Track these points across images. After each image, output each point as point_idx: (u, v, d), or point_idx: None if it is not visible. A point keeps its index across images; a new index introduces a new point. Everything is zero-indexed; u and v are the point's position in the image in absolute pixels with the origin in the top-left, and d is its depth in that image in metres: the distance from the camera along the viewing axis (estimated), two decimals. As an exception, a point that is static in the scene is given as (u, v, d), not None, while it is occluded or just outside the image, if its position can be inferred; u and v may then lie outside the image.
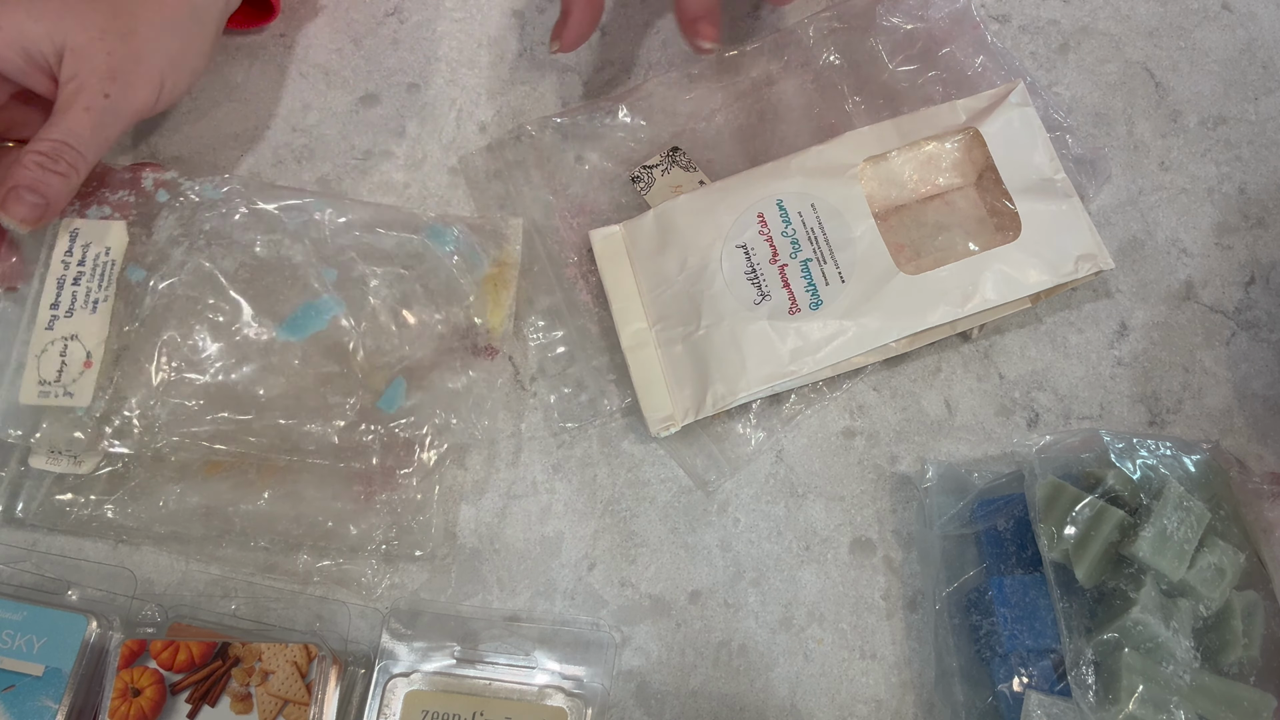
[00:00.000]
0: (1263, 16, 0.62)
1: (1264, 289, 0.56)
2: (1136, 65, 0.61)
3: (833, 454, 0.52)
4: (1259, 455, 0.53)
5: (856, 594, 0.50)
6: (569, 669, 0.48)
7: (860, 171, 0.52)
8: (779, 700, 0.48)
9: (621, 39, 0.60)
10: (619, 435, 0.52)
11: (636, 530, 0.51)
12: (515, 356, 0.53)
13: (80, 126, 0.45)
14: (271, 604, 0.48)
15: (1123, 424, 0.53)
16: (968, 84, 0.57)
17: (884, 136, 0.52)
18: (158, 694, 0.44)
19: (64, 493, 0.48)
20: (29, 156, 0.45)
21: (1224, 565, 0.44)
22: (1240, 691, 0.43)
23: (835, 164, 0.52)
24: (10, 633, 0.45)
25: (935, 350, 0.54)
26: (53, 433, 0.46)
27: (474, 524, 0.51)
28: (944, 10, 0.58)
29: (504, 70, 0.59)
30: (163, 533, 0.48)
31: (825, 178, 0.51)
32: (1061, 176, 0.52)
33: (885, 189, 0.54)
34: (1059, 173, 0.52)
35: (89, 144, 0.46)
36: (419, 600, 0.49)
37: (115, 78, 0.46)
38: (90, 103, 0.46)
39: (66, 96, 0.46)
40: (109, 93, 0.46)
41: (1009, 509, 0.48)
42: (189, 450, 0.47)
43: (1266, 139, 0.59)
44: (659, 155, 0.56)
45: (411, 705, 0.45)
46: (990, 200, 0.54)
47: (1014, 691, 0.44)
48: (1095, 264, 0.50)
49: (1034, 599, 0.45)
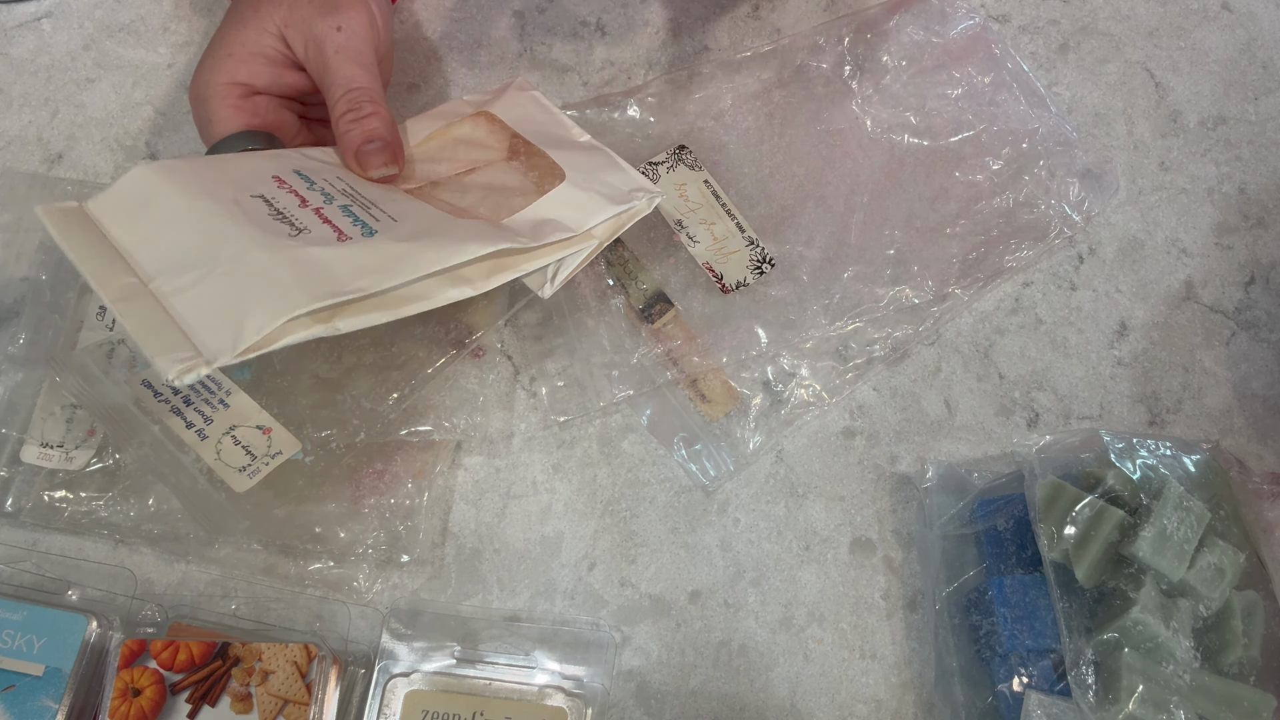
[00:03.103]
0: (1263, 16, 0.62)
1: (1264, 289, 0.56)
2: (1136, 65, 0.61)
3: (833, 454, 0.52)
4: (1259, 455, 0.53)
5: (856, 594, 0.50)
6: (569, 669, 0.47)
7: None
8: (779, 700, 0.48)
9: (621, 39, 0.60)
10: (619, 435, 0.52)
11: (636, 530, 0.51)
12: (515, 356, 0.53)
13: (347, 69, 0.46)
14: (271, 604, 0.48)
15: (1123, 424, 0.53)
16: (981, 99, 0.57)
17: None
18: (158, 694, 0.44)
19: (56, 489, 0.48)
20: (341, 123, 0.46)
21: (1224, 565, 0.44)
22: (1240, 691, 0.43)
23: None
24: (10, 633, 0.45)
25: (935, 350, 0.54)
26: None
27: (474, 524, 0.51)
28: (960, 27, 0.58)
29: (504, 70, 0.59)
30: (156, 532, 0.48)
31: (348, 170, 0.48)
32: (588, 138, 0.51)
33: (413, 173, 0.50)
34: (584, 135, 0.51)
35: (364, 78, 0.47)
36: (419, 600, 0.49)
37: (329, 12, 0.47)
38: (335, 45, 0.46)
39: (315, 61, 0.47)
40: (340, 25, 0.47)
41: (1009, 509, 0.48)
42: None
43: (1266, 139, 0.59)
44: (665, 153, 0.56)
45: (411, 705, 0.45)
46: (527, 161, 0.50)
47: (1014, 691, 0.44)
48: (649, 193, 0.48)
49: (1034, 599, 0.45)
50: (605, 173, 0.49)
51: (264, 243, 0.40)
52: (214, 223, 0.40)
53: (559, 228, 0.46)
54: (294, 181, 0.44)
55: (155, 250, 0.40)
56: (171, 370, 0.36)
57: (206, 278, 0.39)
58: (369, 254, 0.41)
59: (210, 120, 0.47)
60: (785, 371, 0.53)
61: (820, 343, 0.54)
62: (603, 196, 0.48)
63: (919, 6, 0.59)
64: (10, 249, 0.53)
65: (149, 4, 0.60)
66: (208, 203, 0.41)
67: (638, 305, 0.53)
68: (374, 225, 0.42)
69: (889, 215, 0.55)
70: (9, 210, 0.54)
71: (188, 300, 0.38)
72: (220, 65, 0.47)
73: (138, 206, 0.41)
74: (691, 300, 0.53)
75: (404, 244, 0.41)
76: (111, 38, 0.59)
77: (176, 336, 0.37)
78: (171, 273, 0.39)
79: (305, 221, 0.42)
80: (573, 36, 0.60)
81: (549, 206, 0.47)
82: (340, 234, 0.41)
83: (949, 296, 0.54)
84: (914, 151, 0.56)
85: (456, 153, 0.51)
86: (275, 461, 0.47)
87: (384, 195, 0.46)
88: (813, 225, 0.55)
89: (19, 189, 0.54)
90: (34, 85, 0.57)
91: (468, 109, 0.52)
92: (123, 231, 0.41)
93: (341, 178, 0.46)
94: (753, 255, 0.54)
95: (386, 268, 0.40)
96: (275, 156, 0.46)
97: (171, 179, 0.42)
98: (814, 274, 0.54)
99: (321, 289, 0.38)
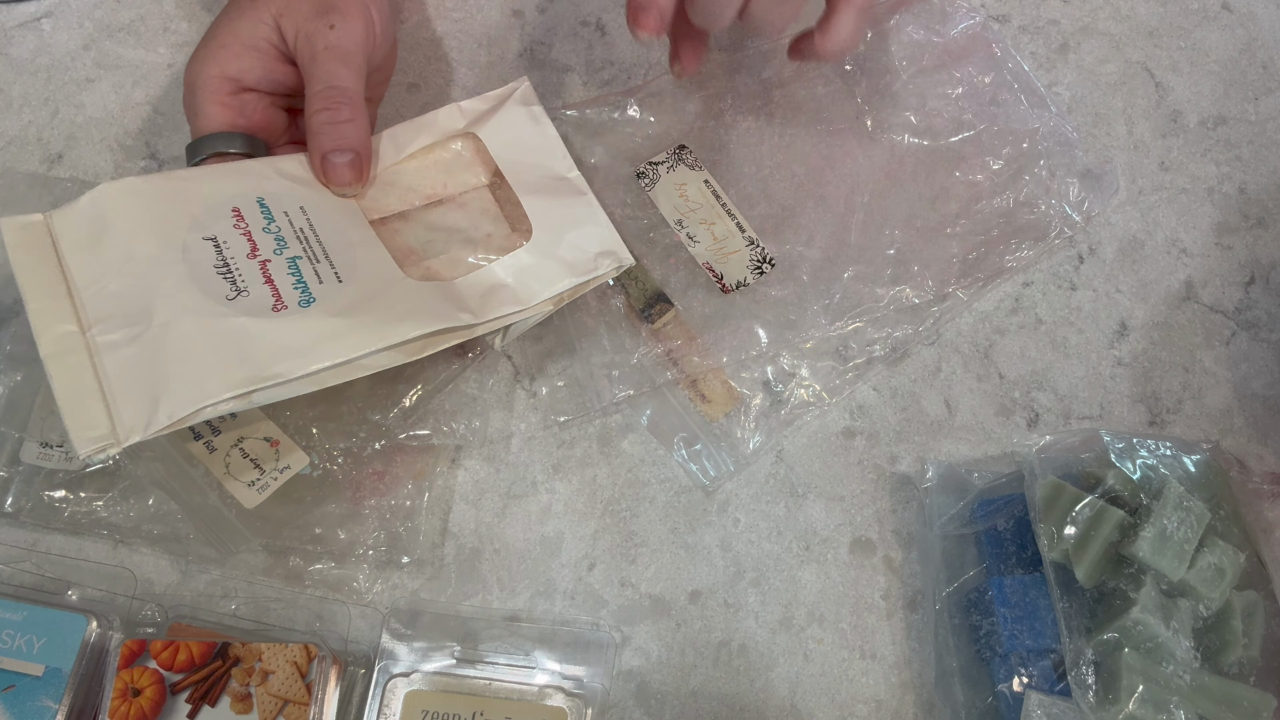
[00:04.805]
0: (1263, 16, 0.62)
1: (1264, 289, 0.56)
2: (1136, 65, 0.61)
3: (833, 454, 0.52)
4: (1259, 455, 0.53)
5: (856, 594, 0.50)
6: (569, 669, 0.47)
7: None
8: (779, 700, 0.48)
9: (622, 39, 0.60)
10: (619, 435, 0.52)
11: (636, 530, 0.51)
12: (515, 356, 0.53)
13: (332, 66, 0.46)
14: (271, 604, 0.48)
15: (1123, 424, 0.53)
16: (981, 99, 0.57)
17: (378, 150, 0.49)
18: (158, 694, 0.44)
19: (56, 489, 0.48)
20: (315, 120, 0.45)
21: (1224, 565, 0.44)
22: (1240, 691, 0.43)
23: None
24: (10, 633, 0.45)
25: (935, 350, 0.54)
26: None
27: (473, 524, 0.51)
28: (960, 27, 0.58)
29: (504, 70, 0.59)
30: (156, 532, 0.48)
31: (316, 186, 0.47)
32: (576, 174, 0.50)
33: (386, 195, 0.49)
34: (572, 170, 0.50)
35: (348, 78, 0.46)
36: (419, 600, 0.49)
37: (326, 11, 0.46)
38: (326, 41, 0.46)
39: (304, 52, 0.46)
40: (333, 24, 0.46)
41: (1009, 509, 0.48)
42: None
43: (1266, 139, 0.59)
44: (665, 152, 0.56)
45: (411, 705, 0.45)
46: (506, 198, 0.51)
47: (1014, 691, 0.44)
48: (616, 260, 0.48)
49: (1034, 599, 0.45)
50: (576, 230, 0.48)
51: (197, 308, 0.41)
52: (156, 278, 0.41)
53: (510, 299, 0.46)
54: (252, 217, 0.44)
55: (101, 293, 0.41)
56: (84, 450, 0.38)
57: (138, 339, 0.40)
58: (297, 332, 0.41)
59: (197, 114, 0.46)
60: (785, 371, 0.53)
61: (820, 343, 0.54)
62: (564, 265, 0.47)
63: (919, 6, 0.59)
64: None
65: (149, 4, 0.60)
66: (155, 247, 0.42)
67: (638, 305, 0.53)
68: (315, 291, 0.42)
69: (889, 215, 0.55)
70: (9, 210, 0.53)
71: (116, 361, 0.40)
72: (213, 56, 0.46)
73: (93, 236, 0.42)
74: (691, 300, 0.53)
75: (337, 320, 0.42)
76: (111, 38, 0.59)
77: (96, 409, 0.39)
78: (109, 324, 0.40)
79: (247, 279, 0.42)
80: (573, 36, 0.60)
81: (506, 270, 0.46)
82: (277, 301, 0.42)
83: (949, 296, 0.54)
84: (914, 151, 0.56)
85: (435, 176, 0.51)
86: (284, 476, 0.47)
87: (343, 229, 0.45)
88: (813, 225, 0.55)
89: (19, 189, 0.54)
90: (34, 85, 0.57)
91: (460, 120, 0.51)
92: (75, 262, 0.41)
93: (304, 208, 0.45)
94: (753, 255, 0.54)
95: (310, 351, 0.41)
96: (244, 173, 0.46)
97: (130, 206, 0.43)
98: (814, 274, 0.54)
99: (238, 374, 0.40)
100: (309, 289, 0.42)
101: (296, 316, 0.41)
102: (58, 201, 0.53)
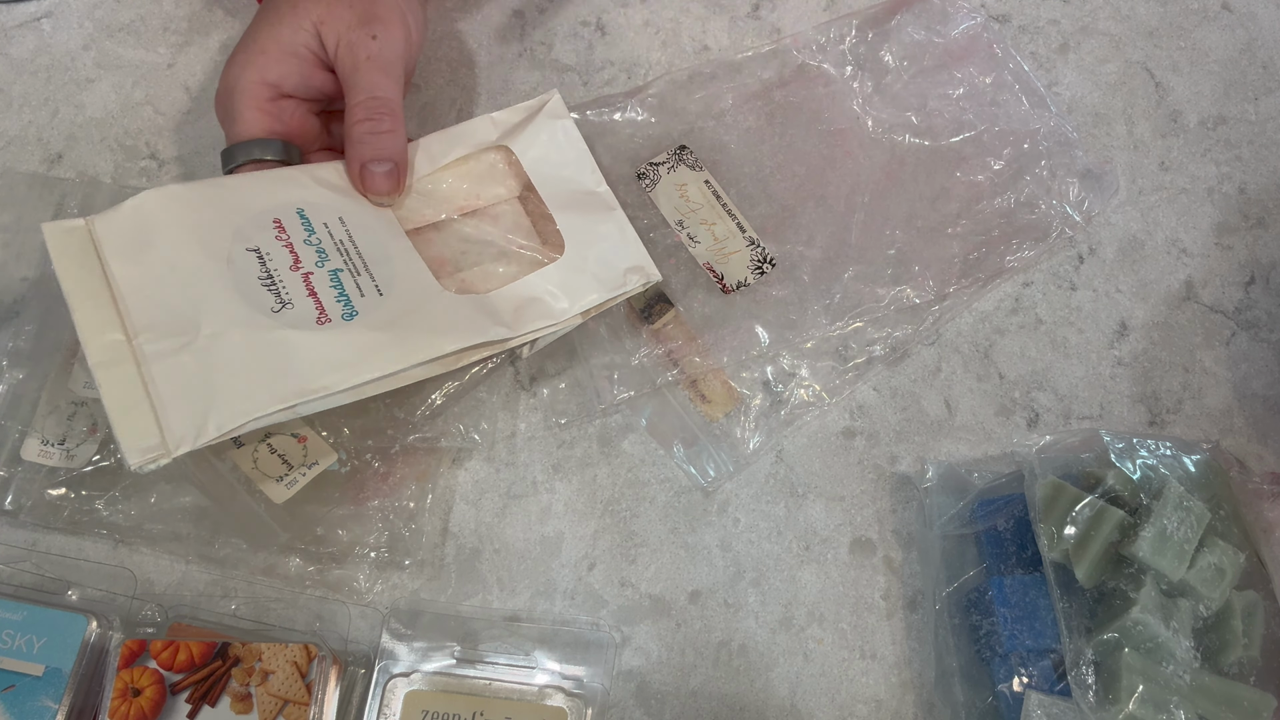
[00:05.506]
0: (1263, 16, 0.62)
1: (1264, 289, 0.56)
2: (1136, 65, 0.61)
3: (833, 454, 0.52)
4: (1259, 455, 0.53)
5: (856, 594, 0.50)
6: (569, 669, 0.48)
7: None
8: (779, 700, 0.48)
9: (621, 39, 0.60)
10: (619, 435, 0.52)
11: (636, 530, 0.51)
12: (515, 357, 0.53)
13: (374, 76, 0.46)
14: (271, 604, 0.48)
15: (1123, 424, 0.53)
16: (981, 99, 0.57)
17: (413, 161, 0.49)
18: (158, 694, 0.44)
19: (56, 488, 0.48)
20: (356, 129, 0.46)
21: (1224, 565, 0.44)
22: (1240, 691, 0.43)
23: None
24: (10, 633, 0.45)
25: (935, 350, 0.54)
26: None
27: (474, 524, 0.51)
28: (961, 27, 0.58)
29: (504, 70, 0.59)
30: (156, 532, 0.48)
31: (353, 195, 0.47)
32: (604, 189, 0.50)
33: (422, 206, 0.50)
34: (601, 184, 0.50)
35: (390, 89, 0.46)
36: (419, 600, 0.49)
37: (368, 21, 0.46)
38: (368, 52, 0.46)
39: (345, 62, 0.46)
40: (375, 34, 0.46)
41: (1009, 509, 0.48)
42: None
43: (1266, 139, 0.59)
44: (666, 153, 0.56)
45: (411, 705, 0.45)
46: (536, 211, 0.51)
47: (1014, 691, 0.44)
48: (644, 276, 0.48)
49: (1034, 599, 0.45)
50: (606, 244, 0.49)
51: (244, 319, 0.41)
52: (203, 287, 0.42)
53: (543, 313, 0.46)
54: (293, 229, 0.44)
55: (146, 301, 0.41)
56: (135, 460, 0.38)
57: (185, 349, 0.40)
58: (342, 346, 0.42)
59: (234, 119, 0.46)
60: (785, 371, 0.53)
61: (820, 343, 0.54)
62: (595, 280, 0.48)
63: (920, 6, 0.59)
64: (10, 249, 0.53)
65: (149, 4, 0.60)
66: (200, 257, 0.42)
67: (638, 306, 0.53)
68: (356, 304, 0.43)
69: (890, 215, 0.55)
70: (9, 210, 0.53)
71: (164, 369, 0.40)
72: (253, 61, 0.46)
73: (138, 244, 0.42)
74: (692, 300, 0.53)
75: (379, 334, 0.42)
76: (111, 38, 0.59)
77: (145, 419, 0.39)
78: (155, 332, 0.40)
79: (291, 292, 0.43)
80: (573, 36, 0.60)
81: (539, 284, 0.47)
82: (321, 313, 0.42)
83: (949, 296, 0.54)
84: (915, 151, 0.56)
85: (468, 188, 0.51)
86: (313, 472, 0.48)
87: (381, 240, 0.46)
88: (813, 225, 0.55)
89: (19, 189, 0.54)
90: (34, 85, 0.57)
91: (492, 132, 0.51)
92: (121, 269, 0.41)
93: (343, 218, 0.46)
94: (753, 255, 0.54)
95: (355, 365, 0.41)
96: (283, 181, 0.46)
97: (175, 213, 0.43)
98: (815, 274, 0.54)
99: (285, 387, 0.40)
100: (351, 302, 0.43)
101: (340, 329, 0.42)
102: (58, 201, 0.54)
